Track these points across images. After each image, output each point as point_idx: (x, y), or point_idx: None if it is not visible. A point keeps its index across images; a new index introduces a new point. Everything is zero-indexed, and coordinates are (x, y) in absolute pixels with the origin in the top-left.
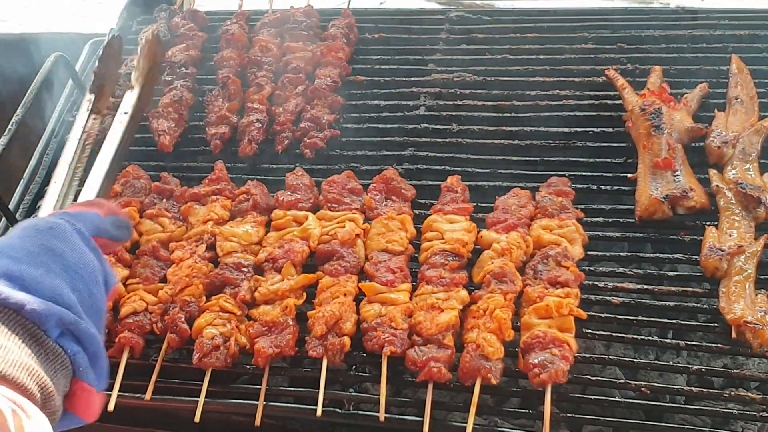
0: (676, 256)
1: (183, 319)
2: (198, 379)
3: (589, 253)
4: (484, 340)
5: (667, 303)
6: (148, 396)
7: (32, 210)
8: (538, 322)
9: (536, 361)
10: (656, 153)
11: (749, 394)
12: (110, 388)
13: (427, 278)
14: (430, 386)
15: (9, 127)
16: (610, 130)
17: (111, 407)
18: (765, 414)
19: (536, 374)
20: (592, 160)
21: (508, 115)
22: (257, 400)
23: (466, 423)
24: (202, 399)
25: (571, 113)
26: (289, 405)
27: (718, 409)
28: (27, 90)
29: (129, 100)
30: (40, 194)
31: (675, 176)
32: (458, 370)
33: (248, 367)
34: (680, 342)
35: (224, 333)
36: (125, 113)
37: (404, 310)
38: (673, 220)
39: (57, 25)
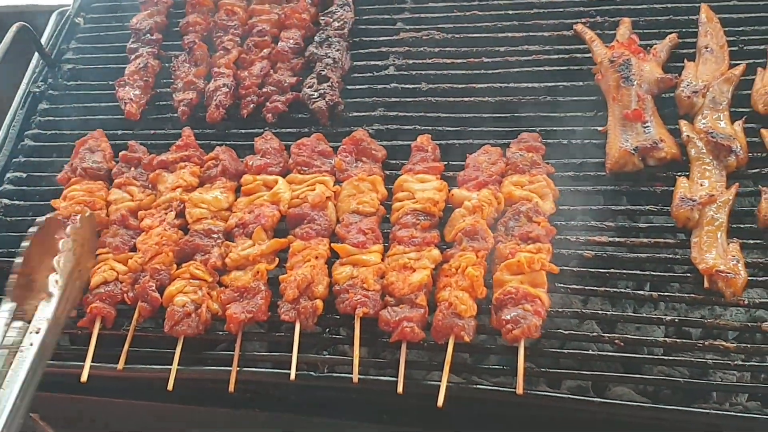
0: (649, 207)
1: (154, 288)
2: (171, 347)
3: (561, 208)
4: (456, 298)
5: (640, 255)
6: (120, 366)
7: (0, 183)
8: (510, 278)
9: (509, 317)
10: (626, 105)
11: (724, 343)
12: (83, 358)
13: (398, 238)
14: (404, 346)
15: None
16: (580, 83)
17: (84, 378)
18: (740, 363)
19: (509, 330)
20: (562, 114)
21: (478, 72)
22: (230, 366)
23: (440, 382)
24: (174, 367)
25: (541, 68)
26: (262, 370)
27: (695, 360)
28: None
29: (43, 313)
30: (7, 167)
31: (645, 127)
32: (431, 328)
33: (221, 333)
34: (653, 293)
35: (195, 300)
36: (36, 332)
37: (376, 271)
38: (644, 171)
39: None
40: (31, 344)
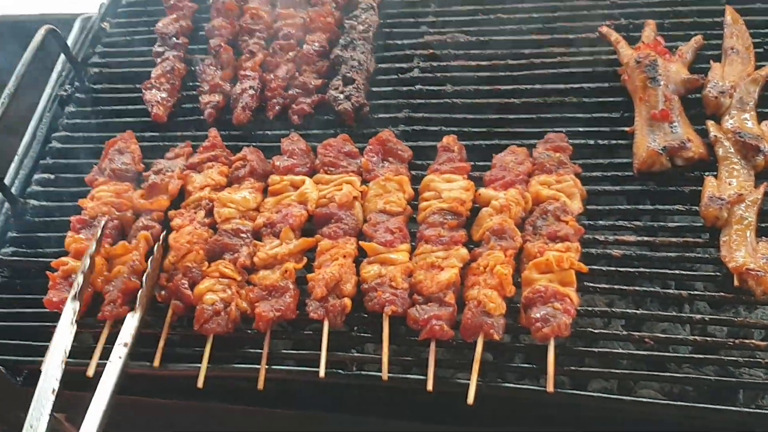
0: (676, 207)
1: (186, 285)
2: (199, 345)
3: (588, 207)
4: (485, 297)
5: (668, 254)
6: (156, 363)
7: (27, 184)
8: (539, 277)
9: (538, 315)
10: (653, 105)
11: (754, 341)
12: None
13: (426, 237)
14: (433, 344)
15: (1, 100)
16: (606, 85)
17: (90, 373)
18: None
19: (539, 328)
20: (588, 115)
21: (503, 74)
22: (259, 364)
23: (470, 380)
24: (204, 365)
25: (566, 70)
26: (291, 368)
27: (723, 358)
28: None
29: (130, 326)
30: (34, 169)
31: (672, 127)
32: (460, 327)
33: (250, 332)
34: (683, 292)
35: (224, 298)
36: (124, 345)
37: (404, 269)
38: (671, 171)
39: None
40: (120, 357)
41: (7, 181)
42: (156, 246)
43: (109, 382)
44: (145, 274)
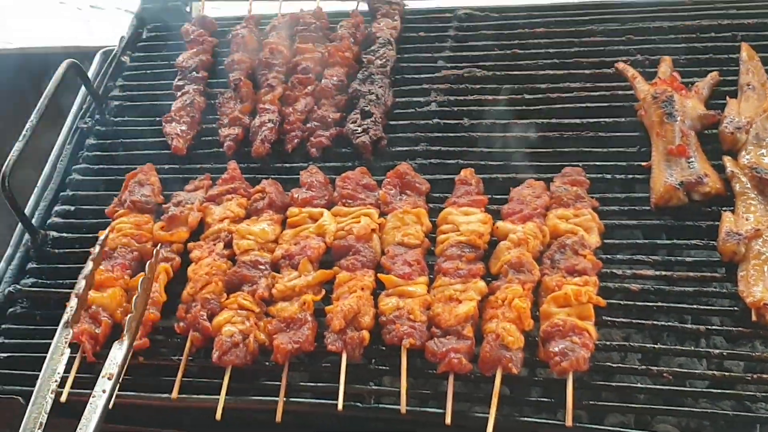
0: (693, 241)
1: (205, 317)
2: (218, 377)
3: (605, 241)
4: (503, 330)
5: (686, 289)
6: (174, 395)
7: (47, 216)
8: (558, 310)
9: (557, 349)
10: (670, 140)
11: None
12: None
13: (444, 270)
14: (451, 377)
15: (23, 132)
16: (622, 119)
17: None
18: None
19: (557, 362)
20: (605, 149)
21: (519, 108)
22: (277, 396)
23: (488, 414)
24: (222, 396)
25: (582, 104)
26: (309, 400)
27: (740, 392)
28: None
29: (116, 357)
30: (55, 200)
31: (689, 162)
32: (479, 360)
33: (268, 363)
34: (701, 327)
35: (243, 330)
36: (109, 378)
37: (422, 302)
38: (688, 206)
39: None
40: (104, 391)
41: (27, 212)
42: (148, 264)
43: (92, 421)
44: (135, 298)
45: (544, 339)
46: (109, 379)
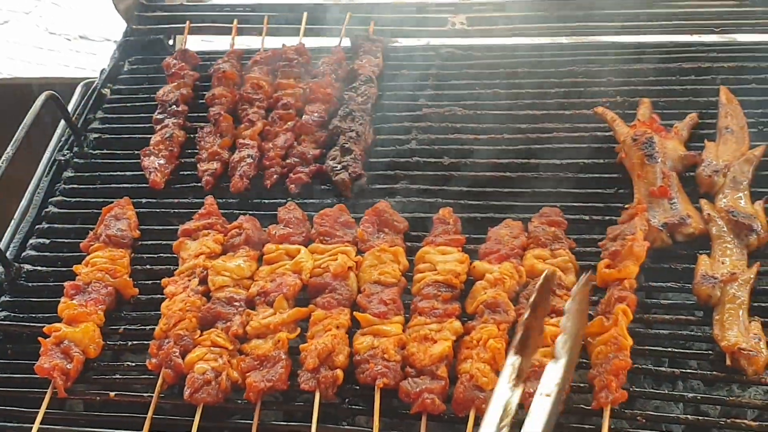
0: (669, 284)
1: (177, 354)
2: (189, 414)
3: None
4: (477, 371)
5: (661, 331)
6: None
7: (22, 248)
8: None
9: (533, 390)
10: (651, 182)
11: (746, 421)
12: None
13: (419, 309)
14: (424, 418)
15: (0, 164)
16: (601, 161)
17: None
18: None
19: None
20: (583, 190)
21: (499, 147)
22: None
23: None
24: None
25: (561, 145)
26: None
27: None
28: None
29: (552, 375)
30: (30, 233)
31: (671, 204)
32: (452, 401)
33: (240, 402)
34: (676, 370)
35: (216, 368)
36: (546, 395)
37: (397, 341)
38: (664, 248)
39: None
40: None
41: (2, 245)
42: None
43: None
44: (563, 318)
45: None
46: (546, 396)
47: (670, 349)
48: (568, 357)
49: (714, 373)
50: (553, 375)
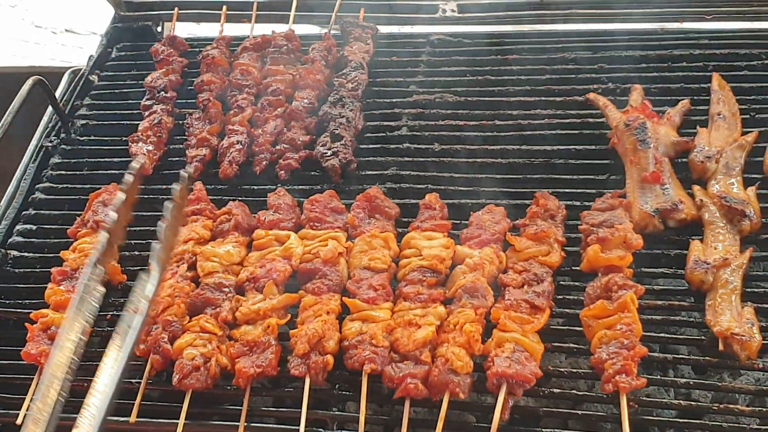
0: (661, 270)
1: (166, 340)
2: (178, 401)
3: (573, 269)
4: (453, 354)
5: (653, 317)
6: (132, 419)
7: (9, 235)
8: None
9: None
10: (644, 167)
11: (738, 406)
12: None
13: (404, 295)
14: (407, 403)
15: None
16: (593, 147)
17: (19, 421)
18: (755, 427)
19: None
20: (574, 176)
21: (490, 134)
22: (239, 421)
23: None
24: (182, 421)
25: (553, 131)
26: (271, 426)
27: (707, 422)
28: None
29: (144, 290)
30: (17, 219)
31: (664, 189)
32: (427, 384)
33: (229, 388)
34: (667, 356)
35: (205, 354)
36: (135, 311)
37: (385, 327)
38: (657, 234)
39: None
40: (129, 327)
41: None
42: (179, 188)
43: (120, 360)
44: (160, 224)
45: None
46: (135, 312)
47: (661, 335)
48: (161, 268)
49: (706, 358)
50: (143, 289)
